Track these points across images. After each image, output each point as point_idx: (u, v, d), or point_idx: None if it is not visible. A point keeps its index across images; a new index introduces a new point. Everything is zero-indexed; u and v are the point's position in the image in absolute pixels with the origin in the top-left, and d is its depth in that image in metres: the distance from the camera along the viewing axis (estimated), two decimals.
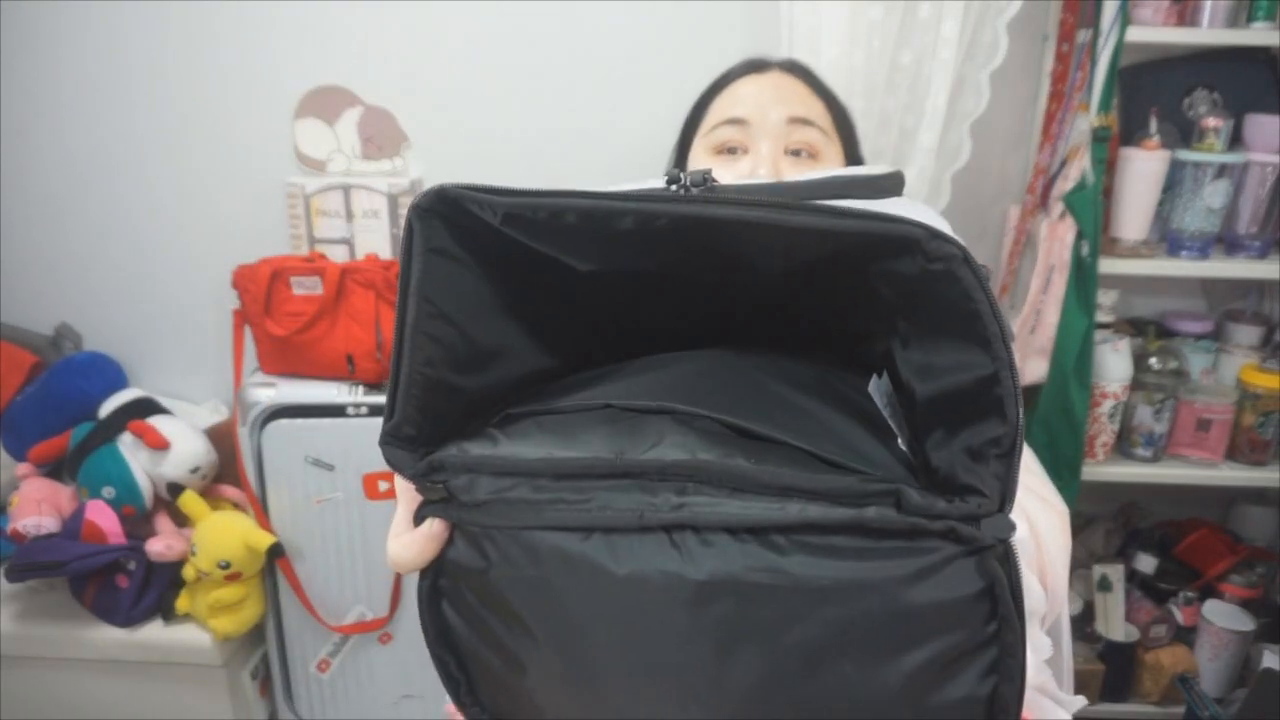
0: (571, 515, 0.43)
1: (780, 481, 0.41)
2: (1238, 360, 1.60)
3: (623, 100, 1.53)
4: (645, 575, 0.41)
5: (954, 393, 0.42)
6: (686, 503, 0.42)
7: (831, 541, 0.41)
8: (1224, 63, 1.51)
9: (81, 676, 1.49)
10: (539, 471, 0.44)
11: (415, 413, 0.47)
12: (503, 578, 0.45)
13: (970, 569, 0.40)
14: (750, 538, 0.41)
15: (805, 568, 0.40)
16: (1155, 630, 1.67)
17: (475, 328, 0.49)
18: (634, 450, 0.44)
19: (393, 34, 1.51)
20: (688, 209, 0.44)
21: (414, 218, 0.46)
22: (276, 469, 1.44)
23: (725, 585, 0.40)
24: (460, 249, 0.48)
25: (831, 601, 0.40)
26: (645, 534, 0.42)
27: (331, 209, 1.54)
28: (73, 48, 1.53)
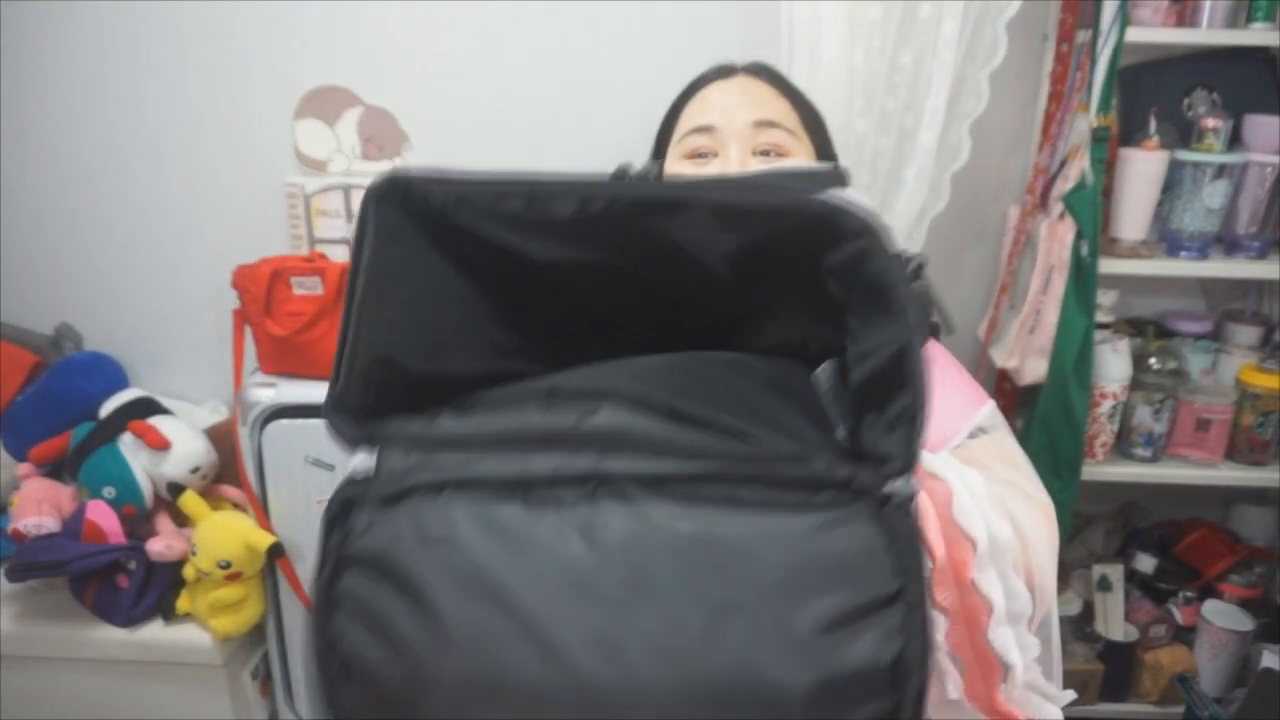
0: (492, 472, 0.44)
1: (694, 445, 0.43)
2: (1237, 360, 1.60)
3: (623, 99, 1.53)
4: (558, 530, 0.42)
5: (878, 372, 0.44)
6: (603, 461, 0.43)
7: (737, 493, 0.42)
8: (1223, 63, 1.52)
9: (82, 676, 1.49)
10: (469, 441, 0.46)
11: (360, 385, 0.49)
12: (408, 550, 0.44)
13: (870, 521, 0.42)
14: (659, 490, 0.42)
15: (711, 519, 0.42)
16: (1155, 630, 1.67)
17: (426, 312, 0.51)
18: (563, 422, 0.46)
19: (393, 34, 1.51)
20: (616, 189, 0.46)
21: (368, 201, 0.48)
22: (277, 469, 1.44)
23: (635, 536, 0.42)
24: (414, 235, 0.49)
25: (736, 552, 0.41)
26: (562, 488, 0.43)
27: (332, 209, 1.54)
28: (73, 48, 1.53)
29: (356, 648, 0.45)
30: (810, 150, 0.99)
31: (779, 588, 0.41)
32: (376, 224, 0.48)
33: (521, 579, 0.42)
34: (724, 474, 0.42)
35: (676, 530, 0.42)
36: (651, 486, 0.43)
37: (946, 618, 0.72)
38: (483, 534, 0.43)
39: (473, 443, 0.46)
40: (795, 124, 0.98)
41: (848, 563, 0.41)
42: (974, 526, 0.70)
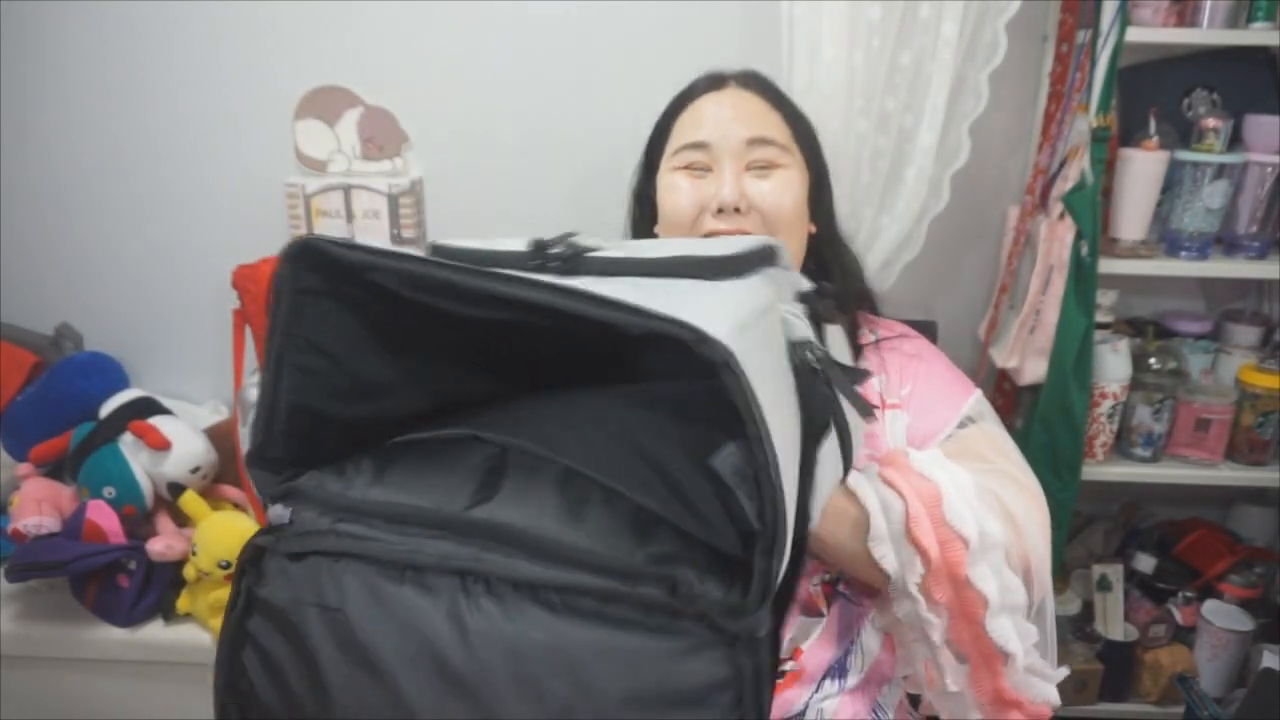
0: (385, 552, 0.48)
1: (574, 554, 0.46)
2: (1237, 360, 1.60)
3: (623, 100, 1.53)
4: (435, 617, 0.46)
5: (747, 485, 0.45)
6: (484, 558, 0.46)
7: (602, 609, 0.44)
8: (1223, 63, 1.52)
9: (82, 676, 1.49)
10: (372, 513, 0.50)
11: (281, 437, 0.52)
12: (304, 610, 0.48)
13: (719, 657, 0.44)
14: (531, 594, 0.45)
15: (574, 631, 0.44)
16: (1154, 630, 1.67)
17: (350, 361, 0.53)
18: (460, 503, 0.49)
19: (393, 34, 1.51)
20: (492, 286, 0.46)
21: (283, 261, 0.51)
22: None
23: (501, 635, 0.45)
24: (330, 289, 0.52)
25: (590, 666, 0.44)
26: (445, 577, 0.46)
27: (332, 209, 1.54)
28: (73, 48, 1.53)
29: (255, 685, 0.50)
30: (802, 164, 1.01)
31: (622, 704, 0.44)
32: (291, 282, 0.51)
33: (397, 657, 0.46)
34: (594, 590, 0.45)
35: (539, 637, 0.44)
36: (527, 591, 0.45)
37: (945, 614, 0.73)
38: (370, 609, 0.47)
39: (375, 515, 0.50)
40: (787, 138, 1.00)
41: (693, 692, 0.44)
42: (965, 525, 0.72)
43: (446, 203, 1.60)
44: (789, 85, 1.36)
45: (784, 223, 0.95)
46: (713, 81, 1.04)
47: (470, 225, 1.62)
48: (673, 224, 0.98)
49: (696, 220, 0.96)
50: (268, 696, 0.50)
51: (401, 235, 1.55)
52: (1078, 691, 1.68)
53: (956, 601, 0.73)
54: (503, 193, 1.60)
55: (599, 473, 0.50)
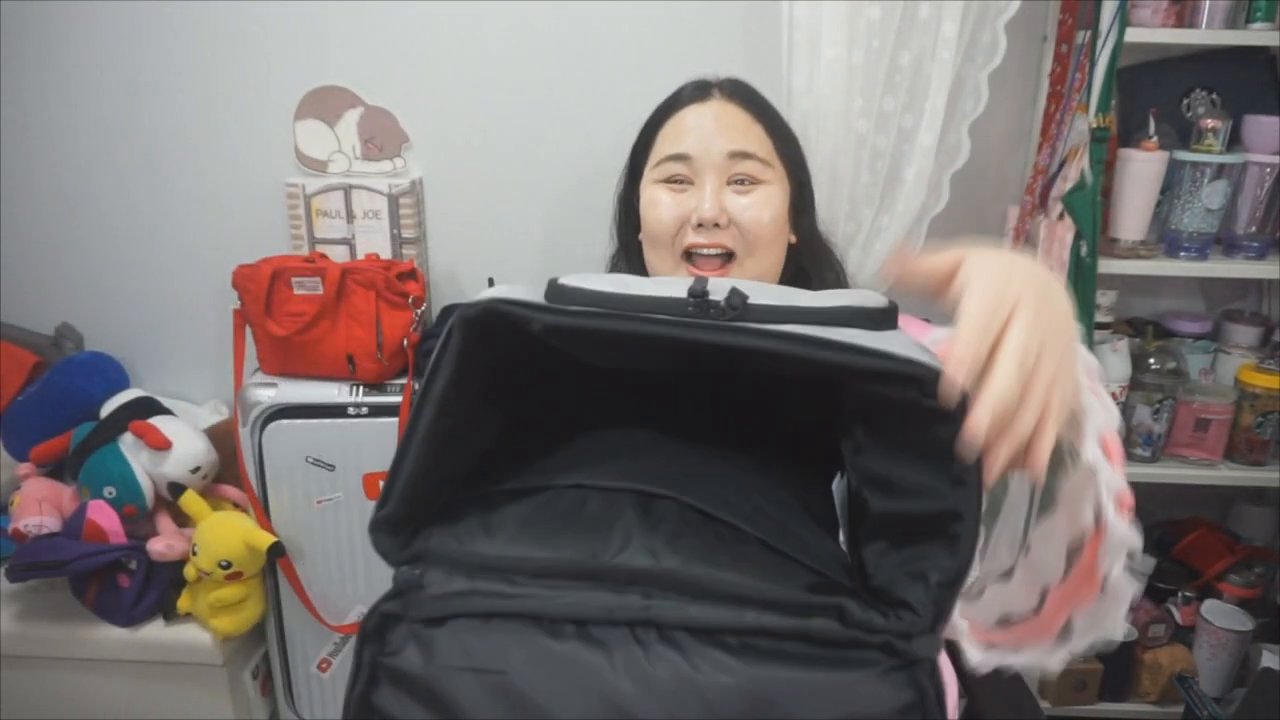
0: (543, 608, 0.46)
1: (737, 591, 0.45)
2: (1236, 360, 1.60)
3: (623, 99, 1.53)
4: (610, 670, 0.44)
5: (911, 516, 0.46)
6: (652, 605, 0.45)
7: (781, 647, 0.45)
8: (1223, 63, 1.52)
9: (83, 676, 1.49)
10: (514, 569, 0.47)
11: (401, 500, 0.49)
12: (453, 676, 0.46)
13: (904, 681, 0.44)
14: (708, 639, 0.44)
15: (755, 669, 0.44)
16: (1154, 630, 1.67)
17: (476, 426, 0.52)
18: (604, 553, 0.47)
19: (393, 34, 1.51)
20: (719, 338, 0.46)
21: (456, 325, 0.48)
22: (277, 469, 1.45)
23: (685, 682, 0.44)
24: (487, 357, 0.50)
25: (786, 703, 0.43)
26: (611, 629, 0.45)
27: (332, 209, 1.54)
28: (73, 48, 1.53)
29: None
30: (783, 176, 1.02)
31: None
32: (459, 352, 0.48)
33: (572, 713, 0.44)
34: (770, 630, 0.44)
35: (725, 680, 0.44)
36: (702, 636, 0.45)
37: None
38: (537, 669, 0.45)
39: (518, 570, 0.47)
40: (769, 152, 1.01)
41: (880, 717, 0.44)
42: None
43: (446, 203, 1.61)
44: (789, 85, 1.36)
45: (762, 239, 0.97)
46: (698, 91, 1.04)
47: (470, 225, 1.62)
48: (654, 237, 1.00)
49: (678, 234, 0.97)
50: None
51: (401, 235, 1.55)
52: (1077, 691, 1.68)
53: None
54: (502, 193, 1.60)
55: (720, 511, 0.50)
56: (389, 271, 1.43)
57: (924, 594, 0.45)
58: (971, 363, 0.45)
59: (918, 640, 0.44)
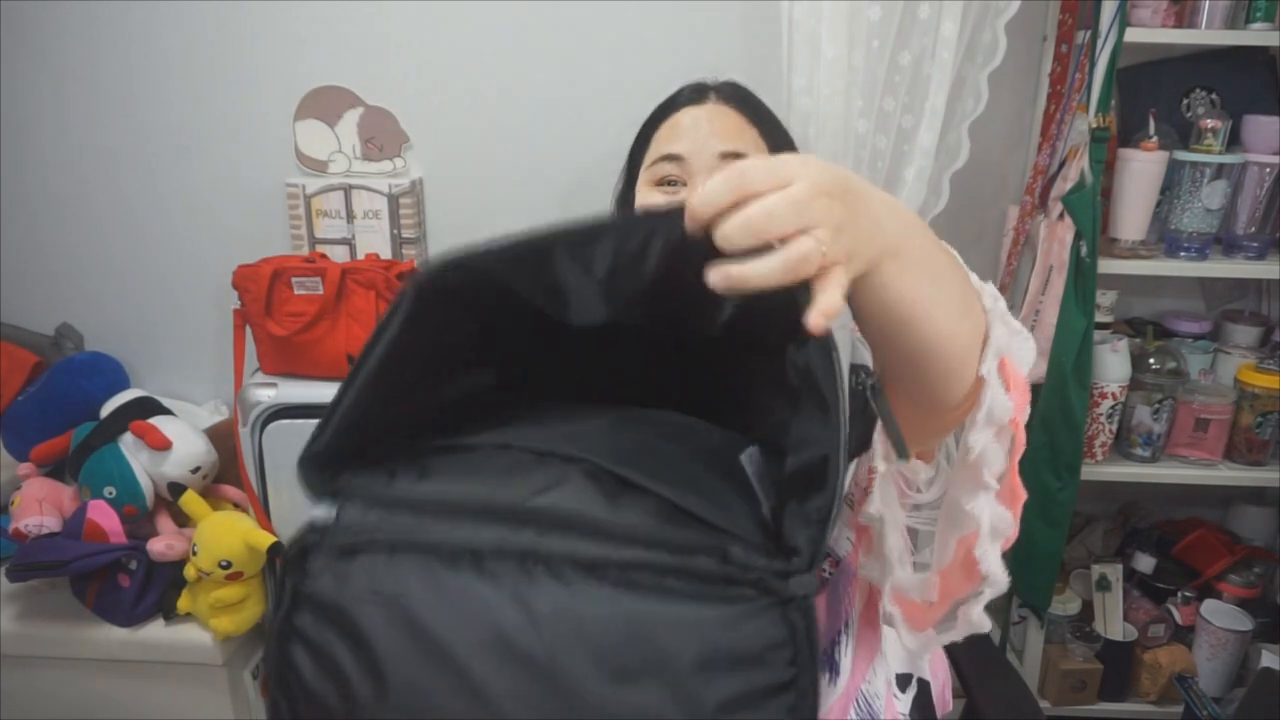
0: (441, 540, 0.48)
1: (626, 531, 0.48)
2: (1236, 360, 1.60)
3: (623, 99, 1.53)
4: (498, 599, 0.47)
5: (805, 468, 0.49)
6: (542, 540, 0.48)
7: (661, 582, 0.47)
8: (1222, 63, 1.52)
9: (83, 676, 1.49)
10: (422, 507, 0.50)
11: (333, 439, 0.52)
12: (360, 604, 0.48)
13: (776, 618, 0.47)
14: (591, 572, 0.47)
15: (634, 602, 0.46)
16: (1154, 630, 1.67)
17: (413, 369, 0.54)
18: (507, 494, 0.50)
19: (393, 34, 1.51)
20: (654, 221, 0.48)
21: (413, 286, 0.50)
22: (277, 469, 1.45)
23: (567, 611, 0.46)
24: (438, 316, 0.52)
25: (657, 635, 0.46)
26: (504, 561, 0.47)
27: (332, 209, 1.54)
28: (74, 48, 1.53)
29: (307, 678, 0.50)
30: None
31: (689, 668, 0.46)
32: (410, 310, 0.50)
33: (462, 639, 0.46)
34: (652, 564, 0.47)
35: (606, 610, 0.46)
36: (586, 569, 0.47)
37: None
38: (432, 597, 0.47)
39: (426, 508, 0.50)
40: (763, 154, 1.00)
41: (752, 653, 0.46)
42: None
43: (446, 203, 1.61)
44: (789, 85, 1.36)
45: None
46: (694, 93, 1.05)
47: (470, 225, 1.62)
48: None
49: None
50: (320, 690, 0.49)
51: (401, 235, 1.56)
52: (1077, 691, 1.68)
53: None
54: (502, 193, 1.60)
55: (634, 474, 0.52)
56: (389, 271, 1.43)
57: (806, 534, 0.47)
58: (718, 192, 0.44)
59: (794, 579, 0.47)
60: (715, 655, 0.46)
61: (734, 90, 1.06)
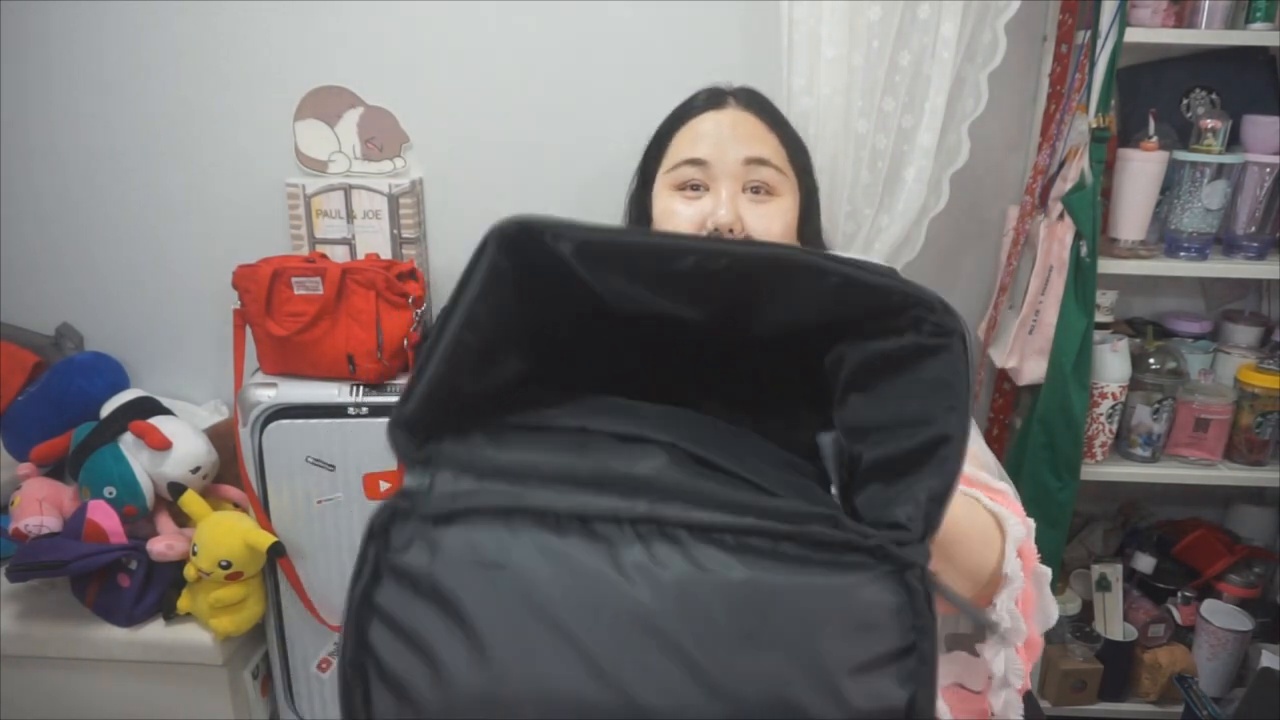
0: (551, 505, 0.46)
1: (738, 500, 0.47)
2: (1236, 360, 1.60)
3: (623, 98, 1.53)
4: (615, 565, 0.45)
5: (904, 453, 0.49)
6: (657, 507, 0.46)
7: (778, 547, 0.46)
8: (1222, 63, 1.52)
9: (83, 676, 1.49)
10: (524, 474, 0.48)
11: (426, 406, 0.50)
12: (458, 572, 0.46)
13: (894, 583, 0.46)
14: (710, 539, 0.46)
15: (758, 569, 0.45)
16: (1154, 630, 1.67)
17: (497, 344, 0.53)
18: (615, 467, 0.49)
19: (393, 34, 1.51)
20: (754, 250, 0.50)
21: (492, 238, 0.50)
22: (277, 469, 1.45)
23: (688, 577, 0.45)
24: (517, 281, 0.52)
25: (779, 600, 0.45)
26: (620, 527, 0.46)
27: (332, 209, 1.54)
28: (74, 48, 1.53)
29: (388, 660, 0.46)
30: (794, 186, 1.03)
31: (814, 634, 0.45)
32: (490, 268, 0.50)
33: (578, 608, 0.44)
34: (769, 530, 0.46)
35: (726, 576, 0.45)
36: (703, 534, 0.46)
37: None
38: (541, 564, 0.45)
39: (528, 475, 0.48)
40: (783, 161, 1.02)
41: (874, 618, 0.46)
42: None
43: (446, 203, 1.61)
44: (789, 85, 1.36)
45: None
46: (712, 98, 1.05)
47: (470, 225, 1.61)
48: None
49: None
50: (406, 672, 0.46)
51: (401, 235, 1.56)
52: (1077, 691, 1.68)
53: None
54: (502, 193, 1.60)
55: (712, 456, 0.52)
56: (389, 271, 1.43)
57: (914, 510, 0.47)
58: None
59: (909, 548, 0.46)
60: (838, 621, 0.45)
61: (751, 96, 1.06)
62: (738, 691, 0.44)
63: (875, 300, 0.49)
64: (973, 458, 0.86)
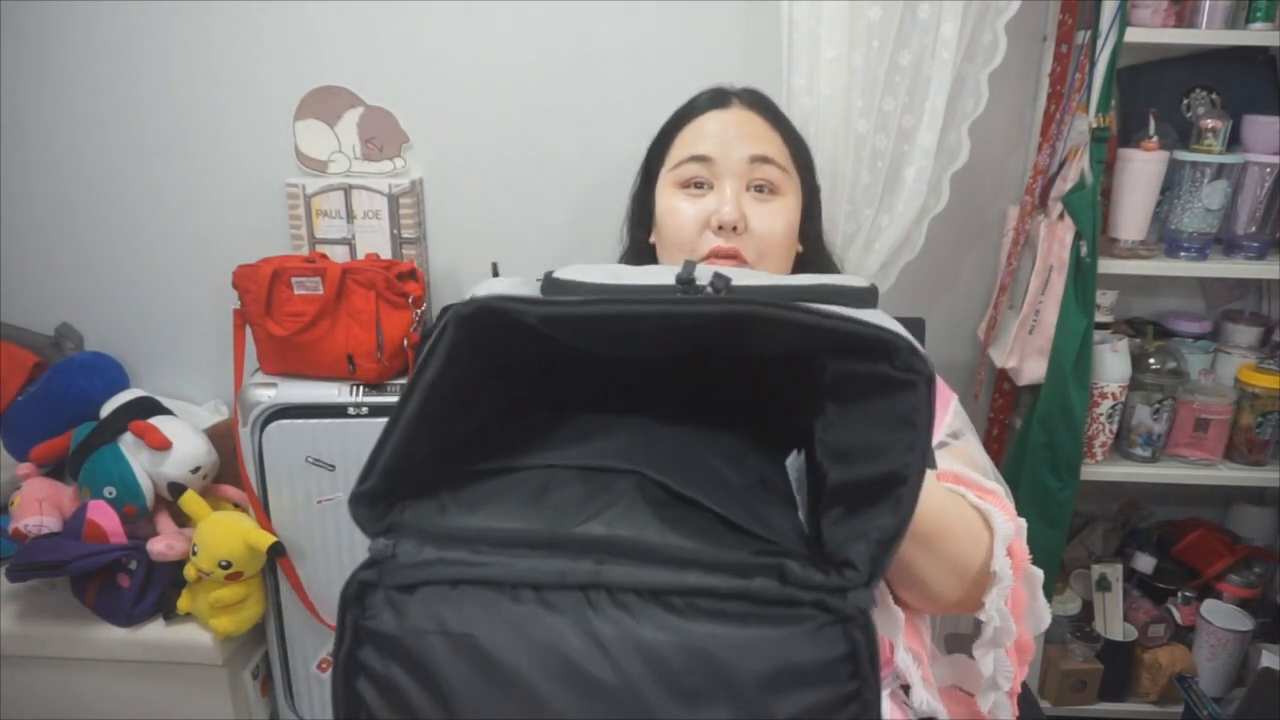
0: (503, 575, 0.49)
1: (683, 555, 0.49)
2: (1236, 360, 1.60)
3: (623, 99, 1.53)
4: (564, 630, 0.48)
5: (863, 481, 0.50)
6: (602, 570, 0.49)
7: (722, 607, 0.48)
8: (1222, 63, 1.52)
9: (83, 676, 1.49)
10: (479, 540, 0.51)
11: (385, 479, 0.53)
12: (425, 638, 0.49)
13: (837, 635, 0.48)
14: (654, 600, 0.48)
15: (699, 627, 0.47)
16: (1154, 630, 1.67)
17: (458, 405, 0.55)
18: (563, 525, 0.52)
19: (393, 34, 1.51)
20: (713, 309, 0.51)
21: (451, 322, 0.52)
22: (277, 469, 1.45)
23: (632, 640, 0.47)
24: (478, 354, 0.53)
25: (722, 659, 0.47)
26: (565, 592, 0.48)
27: (332, 209, 1.54)
28: (74, 48, 1.53)
29: (376, 712, 0.51)
30: (797, 185, 1.04)
31: (757, 689, 0.47)
32: (450, 345, 0.52)
33: (531, 668, 0.47)
34: (713, 590, 0.48)
35: (672, 639, 0.47)
36: (649, 597, 0.48)
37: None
38: (499, 630, 0.48)
39: (482, 541, 0.51)
40: (787, 160, 1.02)
41: (816, 670, 0.48)
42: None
43: (446, 203, 1.61)
44: (789, 85, 1.36)
45: (776, 248, 0.99)
46: (716, 98, 1.06)
47: (470, 225, 1.62)
48: (674, 243, 1.00)
49: (698, 239, 0.98)
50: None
51: (401, 235, 1.56)
52: (1077, 691, 1.68)
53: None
54: (502, 193, 1.60)
55: (677, 484, 0.54)
56: (389, 271, 1.43)
57: (865, 550, 0.48)
58: None
59: (852, 594, 0.48)
60: (780, 674, 0.47)
61: (755, 97, 1.07)
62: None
63: (844, 341, 0.50)
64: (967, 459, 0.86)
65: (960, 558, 0.71)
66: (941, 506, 0.71)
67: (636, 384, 0.62)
